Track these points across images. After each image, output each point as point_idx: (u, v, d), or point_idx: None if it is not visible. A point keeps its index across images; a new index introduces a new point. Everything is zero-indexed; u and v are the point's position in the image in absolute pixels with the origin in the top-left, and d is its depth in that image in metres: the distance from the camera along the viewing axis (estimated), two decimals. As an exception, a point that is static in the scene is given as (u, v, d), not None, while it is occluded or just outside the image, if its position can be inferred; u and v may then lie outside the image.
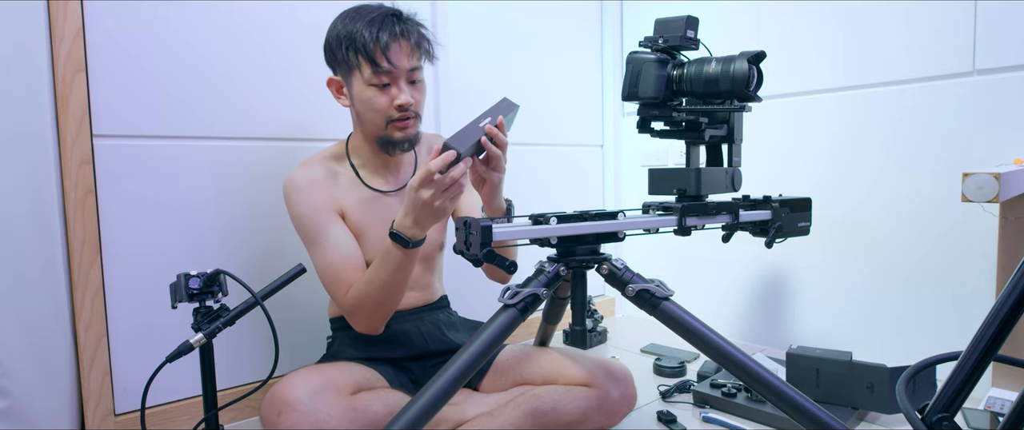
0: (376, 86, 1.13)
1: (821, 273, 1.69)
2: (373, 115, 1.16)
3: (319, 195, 1.17)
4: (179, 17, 1.27)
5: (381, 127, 1.17)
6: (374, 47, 1.10)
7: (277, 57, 1.40)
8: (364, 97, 1.14)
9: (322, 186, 1.18)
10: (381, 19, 1.12)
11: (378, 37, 1.10)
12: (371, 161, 1.25)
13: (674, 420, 1.29)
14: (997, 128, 1.37)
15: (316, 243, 1.17)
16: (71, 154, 1.14)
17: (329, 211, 1.18)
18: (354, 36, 1.11)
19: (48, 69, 1.11)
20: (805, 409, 0.90)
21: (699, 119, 1.08)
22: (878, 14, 1.53)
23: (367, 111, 1.16)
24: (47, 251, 1.12)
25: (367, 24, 1.11)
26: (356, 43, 1.11)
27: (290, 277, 1.00)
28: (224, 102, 1.34)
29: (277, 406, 1.03)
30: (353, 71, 1.14)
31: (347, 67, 1.14)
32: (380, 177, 1.26)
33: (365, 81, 1.13)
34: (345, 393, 1.09)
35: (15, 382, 1.07)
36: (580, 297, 1.05)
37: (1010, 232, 1.22)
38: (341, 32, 1.13)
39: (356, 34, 1.11)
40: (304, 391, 1.04)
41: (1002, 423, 0.61)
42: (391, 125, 1.16)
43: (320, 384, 1.06)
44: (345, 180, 1.23)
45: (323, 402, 1.03)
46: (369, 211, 1.23)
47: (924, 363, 0.69)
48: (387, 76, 1.13)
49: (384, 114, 1.15)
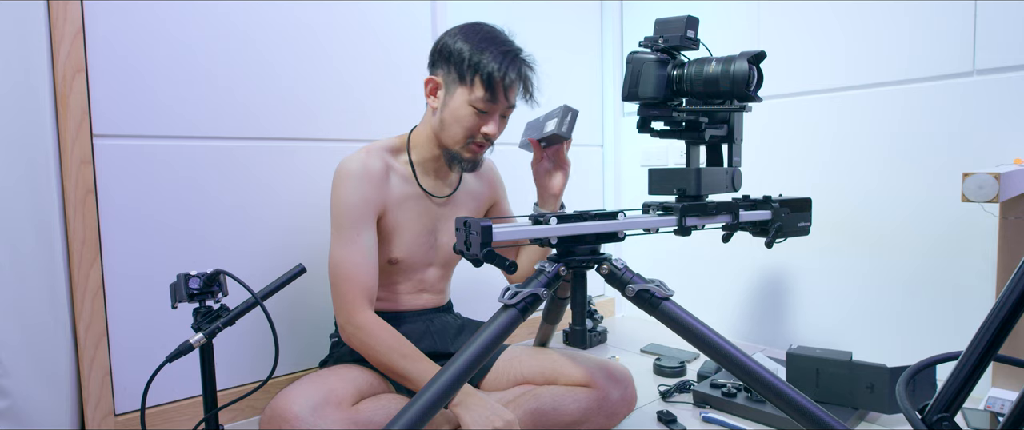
0: (477, 109, 1.16)
1: (821, 273, 1.69)
2: (458, 130, 1.18)
3: (367, 191, 1.17)
4: (179, 18, 1.27)
5: (459, 143, 1.19)
6: (499, 80, 1.13)
7: (276, 58, 1.40)
8: (460, 113, 1.16)
9: (374, 182, 1.18)
10: (513, 56, 1.16)
11: (506, 72, 1.14)
12: (429, 163, 1.26)
13: (674, 420, 1.29)
14: (997, 128, 1.37)
15: (342, 234, 1.16)
16: (71, 154, 1.14)
17: (370, 210, 1.18)
18: (484, 62, 1.13)
19: (48, 69, 1.11)
20: (805, 409, 0.90)
21: (699, 119, 1.07)
22: (878, 14, 1.53)
23: (455, 124, 1.17)
24: (47, 251, 1.12)
25: (500, 55, 1.14)
26: (483, 69, 1.13)
27: (290, 277, 1.00)
28: (224, 102, 1.34)
29: (278, 422, 1.02)
30: (463, 86, 1.15)
31: (459, 79, 1.15)
32: (432, 180, 1.28)
33: (470, 100, 1.15)
34: (347, 404, 1.08)
35: (15, 382, 1.07)
36: (580, 297, 1.05)
37: (1010, 232, 1.22)
38: (469, 51, 1.14)
39: (486, 61, 1.13)
40: (306, 407, 1.03)
41: (1002, 423, 0.60)
42: (468, 146, 1.19)
43: (321, 398, 1.05)
44: (397, 177, 1.23)
45: (324, 418, 1.03)
46: (411, 210, 1.24)
47: (924, 363, 0.69)
48: (492, 106, 1.16)
49: (470, 134, 1.18)
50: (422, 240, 1.26)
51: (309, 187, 1.46)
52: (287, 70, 1.42)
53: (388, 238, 1.22)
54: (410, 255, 1.25)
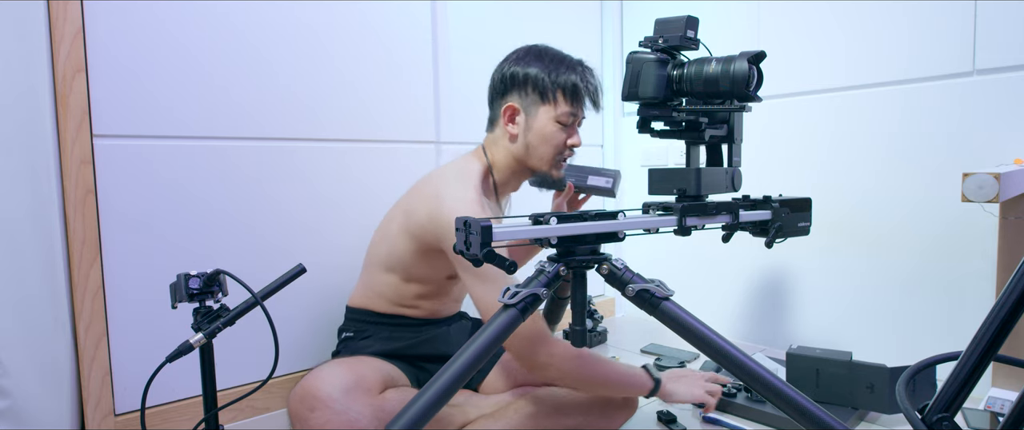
0: (561, 124, 1.20)
1: (821, 273, 1.69)
2: (548, 149, 1.21)
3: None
4: (178, 18, 1.27)
5: (549, 161, 1.23)
6: (583, 90, 1.20)
7: (276, 58, 1.40)
8: (547, 131, 1.20)
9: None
10: (584, 68, 1.22)
11: (588, 83, 1.20)
12: (507, 184, 1.29)
13: (674, 420, 1.29)
14: (997, 128, 1.37)
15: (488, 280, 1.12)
16: (71, 154, 1.14)
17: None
18: (564, 77, 1.18)
19: (48, 69, 1.11)
20: (805, 409, 0.90)
21: (699, 119, 1.07)
22: (878, 14, 1.53)
23: (543, 144, 1.21)
24: (47, 251, 1.11)
25: (574, 68, 1.20)
26: (565, 83, 1.18)
27: (290, 277, 1.00)
28: (224, 102, 1.34)
29: (310, 402, 1.04)
30: (546, 105, 1.19)
31: (539, 98, 1.19)
32: (500, 201, 1.33)
33: (555, 117, 1.19)
34: (374, 391, 1.11)
35: (15, 382, 1.07)
36: (580, 297, 1.05)
37: (1010, 232, 1.22)
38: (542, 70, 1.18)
39: (567, 76, 1.18)
40: (337, 388, 1.05)
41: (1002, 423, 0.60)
42: (557, 161, 1.23)
43: (352, 381, 1.08)
44: (487, 203, 1.21)
45: (356, 401, 1.05)
46: None
47: (924, 363, 0.69)
48: (575, 118, 1.21)
49: (559, 150, 1.22)
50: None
51: (309, 187, 1.46)
52: (287, 70, 1.42)
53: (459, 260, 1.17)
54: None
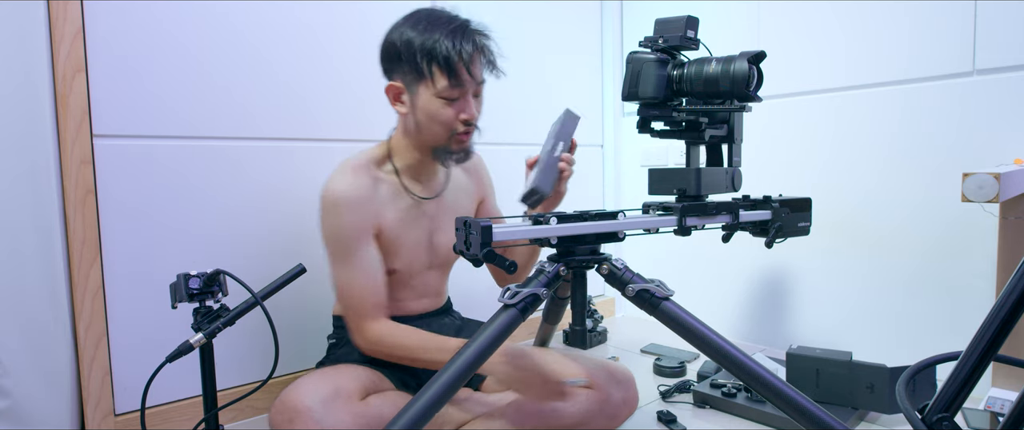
0: (446, 99, 1.11)
1: (821, 273, 1.69)
2: (438, 127, 1.13)
3: (360, 214, 1.14)
4: (178, 18, 1.27)
5: (443, 139, 1.15)
6: (457, 60, 1.07)
7: (276, 58, 1.40)
8: (431, 109, 1.11)
9: (365, 203, 1.15)
10: (462, 30, 1.09)
11: (461, 49, 1.07)
12: (413, 167, 1.23)
13: (674, 420, 1.29)
14: (997, 128, 1.37)
15: (344, 261, 1.15)
16: (71, 154, 1.14)
17: (366, 231, 1.16)
18: (435, 46, 1.06)
19: (48, 69, 1.11)
20: (805, 409, 0.90)
21: (699, 119, 1.07)
22: (878, 14, 1.53)
23: (431, 123, 1.13)
24: (47, 251, 1.12)
25: (448, 34, 1.07)
26: (436, 54, 1.06)
27: (290, 277, 1.00)
28: (224, 102, 1.34)
29: (288, 414, 1.02)
30: (423, 81, 1.10)
31: (416, 76, 1.10)
32: (419, 183, 1.25)
33: (436, 92, 1.10)
34: (355, 398, 1.08)
35: (15, 382, 1.07)
36: (580, 297, 1.05)
37: (1010, 232, 1.22)
38: (416, 40, 1.08)
39: (437, 44, 1.06)
40: (315, 399, 1.03)
41: (1002, 423, 0.60)
42: (453, 138, 1.15)
43: (330, 391, 1.05)
44: (386, 188, 1.20)
45: (335, 410, 1.03)
46: (407, 219, 1.23)
47: (924, 363, 0.69)
48: (459, 90, 1.10)
49: (450, 127, 1.13)
50: (420, 246, 1.25)
51: (309, 187, 1.46)
52: (287, 70, 1.42)
53: (387, 251, 1.21)
54: (410, 263, 1.25)
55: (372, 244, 1.17)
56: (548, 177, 1.03)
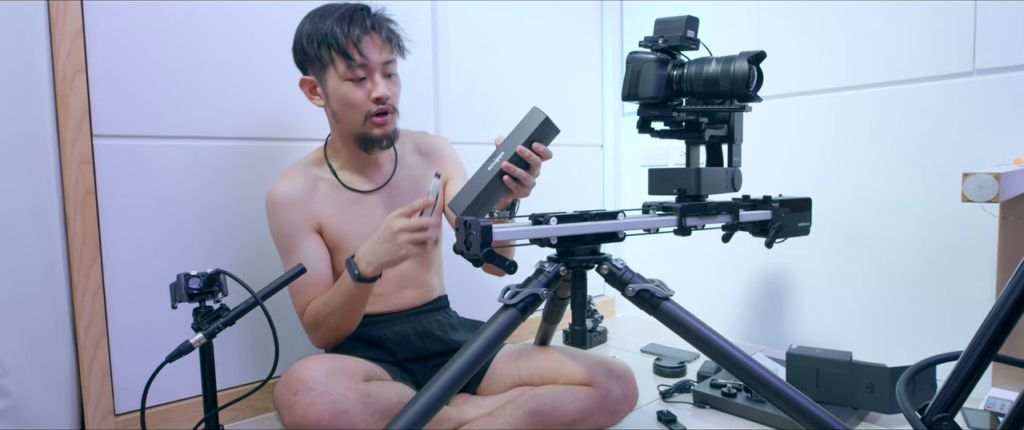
0: (351, 81, 1.14)
1: (821, 273, 1.69)
2: (351, 111, 1.16)
3: (296, 211, 1.20)
4: (179, 17, 1.27)
5: (359, 123, 1.18)
6: (346, 41, 1.11)
7: (276, 57, 1.40)
8: (340, 93, 1.15)
9: (300, 201, 1.20)
10: (351, 14, 1.14)
11: (349, 31, 1.12)
12: (351, 162, 1.26)
13: (674, 420, 1.29)
14: (997, 128, 1.37)
15: (287, 257, 1.22)
16: (71, 154, 1.14)
17: (304, 227, 1.21)
18: (325, 32, 1.12)
19: (48, 69, 1.11)
20: (805, 409, 0.90)
21: (699, 119, 1.07)
22: (878, 14, 1.53)
23: (344, 107, 1.17)
24: (47, 251, 1.12)
25: (337, 20, 1.12)
26: (328, 39, 1.12)
27: (290, 277, 1.00)
28: (223, 102, 1.34)
29: (293, 386, 1.04)
30: (327, 68, 1.15)
31: (321, 65, 1.15)
32: (361, 177, 1.27)
33: (340, 76, 1.14)
34: (359, 379, 1.10)
35: (15, 382, 1.07)
36: (580, 297, 1.05)
37: (1010, 232, 1.22)
38: (311, 30, 1.14)
39: (327, 30, 1.12)
40: (321, 372, 1.05)
41: (1002, 423, 0.60)
42: (369, 121, 1.17)
43: (336, 367, 1.08)
44: (325, 186, 1.24)
45: (339, 384, 1.05)
46: (350, 215, 1.24)
47: (924, 363, 0.69)
48: (362, 70, 1.14)
49: (362, 109, 1.16)
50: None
51: (309, 187, 1.46)
52: (288, 69, 1.42)
53: (338, 247, 1.23)
54: None
55: (312, 240, 1.21)
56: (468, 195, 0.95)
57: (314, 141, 1.46)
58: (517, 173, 0.98)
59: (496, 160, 0.99)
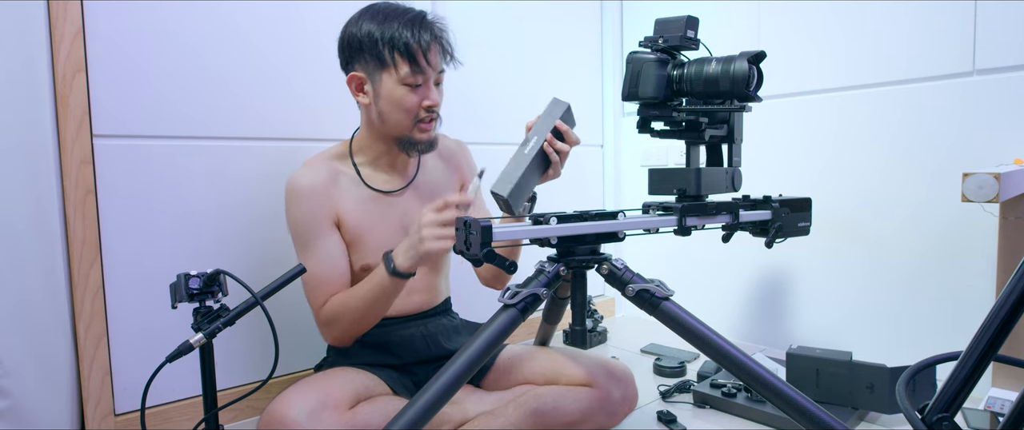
0: (409, 86, 1.14)
1: (821, 273, 1.69)
2: (401, 115, 1.16)
3: (318, 202, 1.18)
4: (179, 18, 1.27)
5: (408, 127, 1.18)
6: (416, 47, 1.12)
7: (276, 58, 1.40)
8: (395, 96, 1.15)
9: (322, 192, 1.18)
10: (420, 21, 1.14)
11: (420, 38, 1.12)
12: (377, 160, 1.25)
13: (674, 420, 1.29)
14: (997, 128, 1.37)
15: (305, 249, 1.19)
16: (71, 154, 1.14)
17: (325, 219, 1.19)
18: (394, 35, 1.11)
19: (48, 69, 1.11)
20: (805, 409, 0.90)
21: (699, 119, 1.08)
22: (878, 14, 1.53)
23: (395, 110, 1.16)
24: (47, 251, 1.12)
25: (407, 24, 1.12)
26: (397, 42, 1.11)
27: (290, 277, 1.00)
28: (223, 102, 1.34)
29: (276, 425, 1.02)
30: (386, 69, 1.14)
31: (378, 64, 1.14)
32: (384, 176, 1.26)
33: (399, 80, 1.14)
34: (343, 408, 1.08)
35: (15, 382, 1.07)
36: (580, 297, 1.05)
37: (1010, 232, 1.22)
38: (374, 29, 1.13)
39: (397, 33, 1.11)
40: (302, 410, 1.02)
41: (1002, 423, 0.60)
42: (417, 126, 1.18)
43: (318, 402, 1.05)
44: (346, 181, 1.22)
45: (321, 422, 1.03)
46: (370, 213, 1.23)
47: (924, 363, 0.69)
48: (421, 76, 1.14)
49: (413, 114, 1.16)
50: (392, 239, 1.23)
51: (309, 187, 1.46)
52: (288, 69, 1.42)
53: (354, 245, 1.22)
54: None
55: (331, 234, 1.20)
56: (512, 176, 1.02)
57: (315, 141, 1.47)
58: (559, 146, 1.09)
59: (532, 142, 1.07)
